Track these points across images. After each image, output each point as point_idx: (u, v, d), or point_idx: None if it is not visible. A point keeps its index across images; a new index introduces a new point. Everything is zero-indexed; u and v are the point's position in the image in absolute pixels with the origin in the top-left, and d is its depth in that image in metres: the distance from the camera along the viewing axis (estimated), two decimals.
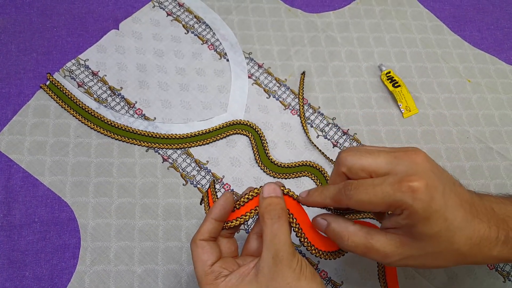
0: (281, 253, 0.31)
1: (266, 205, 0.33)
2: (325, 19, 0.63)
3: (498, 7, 0.67)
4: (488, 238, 0.32)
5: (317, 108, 0.56)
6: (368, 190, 0.30)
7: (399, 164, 0.31)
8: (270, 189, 0.34)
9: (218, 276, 0.32)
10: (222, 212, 0.34)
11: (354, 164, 0.32)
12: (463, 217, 0.31)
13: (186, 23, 0.60)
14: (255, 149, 0.52)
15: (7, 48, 0.55)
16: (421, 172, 0.30)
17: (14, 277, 0.44)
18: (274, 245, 0.31)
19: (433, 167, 0.31)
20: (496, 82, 0.60)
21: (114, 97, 0.54)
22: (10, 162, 0.49)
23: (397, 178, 0.30)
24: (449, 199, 0.30)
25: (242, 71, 0.57)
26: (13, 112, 0.51)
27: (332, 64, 0.59)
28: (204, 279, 0.32)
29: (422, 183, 0.29)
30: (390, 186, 0.30)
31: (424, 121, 0.56)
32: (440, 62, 0.61)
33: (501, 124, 0.57)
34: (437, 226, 0.30)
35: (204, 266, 0.33)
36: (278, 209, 0.33)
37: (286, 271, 0.31)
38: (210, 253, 0.33)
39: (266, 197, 0.33)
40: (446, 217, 0.30)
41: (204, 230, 0.34)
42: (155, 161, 0.50)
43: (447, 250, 0.31)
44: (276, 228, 0.32)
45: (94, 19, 0.59)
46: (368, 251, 0.32)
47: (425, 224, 0.30)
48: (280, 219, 0.32)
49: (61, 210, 0.47)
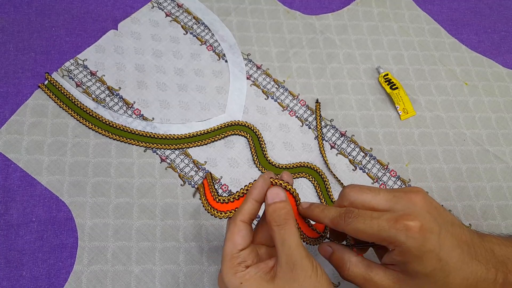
0: (294, 257, 0.31)
1: (272, 211, 0.33)
2: (324, 21, 0.63)
3: (495, 10, 0.68)
4: (486, 280, 0.32)
5: (315, 110, 0.56)
6: (365, 221, 0.32)
7: (398, 203, 0.33)
8: (273, 194, 0.34)
9: (241, 263, 0.32)
10: (262, 193, 0.34)
11: (356, 199, 0.34)
12: (459, 258, 0.31)
13: (185, 24, 0.60)
14: (253, 150, 0.52)
15: (6, 47, 0.55)
16: (418, 212, 0.32)
17: (11, 276, 0.44)
18: (285, 250, 0.32)
19: (430, 208, 0.32)
20: (493, 85, 0.61)
21: (113, 97, 0.54)
22: (7, 161, 0.49)
23: (394, 215, 0.31)
24: (445, 240, 0.31)
25: (240, 72, 0.57)
26: (11, 112, 0.51)
27: (330, 66, 0.59)
28: (229, 262, 0.32)
29: (417, 223, 0.31)
30: (386, 221, 0.31)
31: (421, 123, 0.56)
32: (438, 64, 0.61)
33: (497, 127, 0.57)
34: (431, 266, 0.31)
35: (234, 248, 0.33)
36: (284, 214, 0.33)
37: (301, 276, 0.31)
38: (244, 238, 0.33)
39: (270, 203, 0.34)
40: (440, 257, 0.31)
41: (246, 211, 0.34)
42: (153, 162, 0.50)
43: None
44: (284, 233, 0.32)
45: (93, 19, 0.59)
46: (366, 283, 0.33)
47: (418, 262, 0.31)
48: (286, 223, 0.32)
49: (59, 209, 0.47)
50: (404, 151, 0.54)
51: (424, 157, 0.54)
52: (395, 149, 0.54)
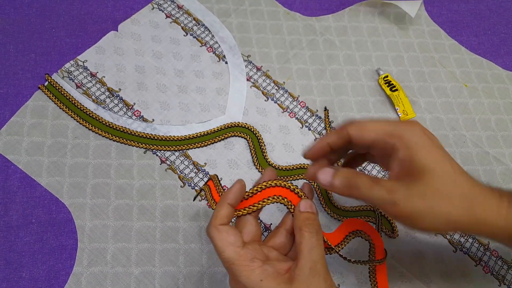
0: (319, 266, 0.32)
1: (305, 219, 0.34)
2: (324, 22, 0.63)
3: (495, 12, 0.68)
4: (488, 193, 0.33)
5: (314, 111, 0.56)
6: (370, 121, 0.35)
7: (396, 123, 0.35)
8: (307, 205, 0.35)
9: (253, 258, 0.32)
10: (238, 197, 0.35)
11: (358, 124, 0.36)
12: (459, 169, 0.33)
13: (185, 25, 0.60)
14: (253, 152, 0.52)
15: (6, 48, 0.55)
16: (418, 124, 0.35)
17: (11, 278, 0.44)
18: (312, 257, 0.32)
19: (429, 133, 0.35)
20: (493, 87, 0.61)
21: (113, 99, 0.54)
22: (7, 162, 0.48)
23: (396, 121, 0.35)
24: (446, 153, 0.34)
25: (240, 73, 0.57)
26: (11, 113, 0.51)
27: (330, 67, 0.59)
28: (239, 260, 0.31)
29: (419, 124, 0.34)
30: (389, 123, 0.35)
31: None
32: (437, 66, 0.62)
33: (497, 129, 0.57)
34: (436, 158, 0.33)
35: (235, 247, 0.32)
36: (316, 225, 0.34)
37: (321, 285, 0.31)
38: (236, 235, 0.33)
39: (303, 211, 0.35)
40: (443, 154, 0.33)
41: (222, 215, 0.33)
42: (153, 163, 0.50)
43: (444, 190, 0.32)
44: (315, 242, 0.33)
45: (93, 20, 0.59)
46: (372, 188, 0.33)
47: (423, 153, 0.33)
48: (318, 234, 0.33)
49: (59, 211, 0.47)
50: None
51: None
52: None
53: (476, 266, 0.49)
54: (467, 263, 0.49)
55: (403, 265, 0.47)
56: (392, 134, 0.34)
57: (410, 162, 0.33)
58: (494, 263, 0.49)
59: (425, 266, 0.48)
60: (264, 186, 0.36)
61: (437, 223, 0.32)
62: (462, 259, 0.49)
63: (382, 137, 0.34)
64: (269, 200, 0.36)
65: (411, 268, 0.47)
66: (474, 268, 0.48)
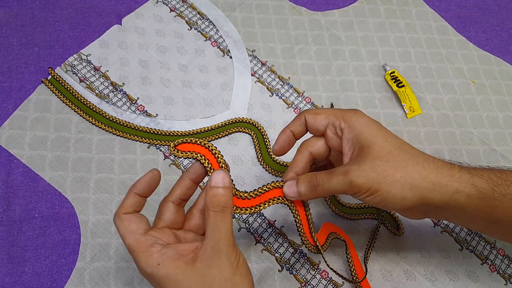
0: (221, 243, 0.32)
1: (212, 196, 0.32)
2: (330, 17, 0.62)
3: (504, 8, 0.67)
4: (437, 160, 0.36)
5: (320, 107, 0.55)
6: (322, 109, 0.39)
7: (343, 110, 0.39)
8: (218, 178, 0.33)
9: (153, 243, 0.32)
10: (147, 187, 0.35)
11: (312, 111, 0.40)
12: (405, 142, 0.37)
13: (190, 19, 0.59)
14: (257, 148, 0.52)
15: (9, 41, 0.55)
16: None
17: (13, 272, 0.43)
18: (215, 235, 0.32)
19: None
20: (501, 84, 0.60)
21: (116, 93, 0.53)
22: (10, 156, 0.48)
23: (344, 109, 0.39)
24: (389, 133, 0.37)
25: (245, 68, 0.57)
26: (14, 107, 0.51)
27: (336, 63, 0.59)
28: (137, 246, 0.32)
29: (362, 111, 0.38)
30: (337, 110, 0.39)
31: (427, 122, 0.56)
32: (445, 62, 0.61)
33: (505, 126, 0.57)
34: (375, 133, 0.36)
35: (135, 234, 0.33)
36: (223, 201, 0.32)
37: (224, 263, 0.31)
38: (139, 223, 0.33)
39: (212, 187, 0.33)
40: (385, 130, 0.37)
41: (128, 204, 0.34)
42: (156, 158, 0.50)
43: (392, 158, 0.35)
44: (219, 219, 0.32)
45: (97, 13, 0.58)
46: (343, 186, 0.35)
47: (367, 131, 0.36)
48: (223, 211, 0.32)
49: (62, 205, 0.47)
50: None
51: None
52: None
53: (482, 264, 0.48)
54: (473, 262, 0.48)
55: (409, 263, 0.47)
56: (338, 116, 0.37)
57: (356, 141, 0.36)
58: (501, 261, 0.48)
59: (430, 264, 0.47)
60: (272, 187, 0.37)
61: (397, 189, 0.34)
62: (468, 257, 0.48)
63: (331, 119, 0.38)
64: (269, 203, 0.37)
65: (416, 265, 0.47)
66: (480, 266, 0.48)
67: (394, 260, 0.47)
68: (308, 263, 0.46)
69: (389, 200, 0.34)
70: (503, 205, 0.35)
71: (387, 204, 0.35)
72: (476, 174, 0.35)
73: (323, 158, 0.40)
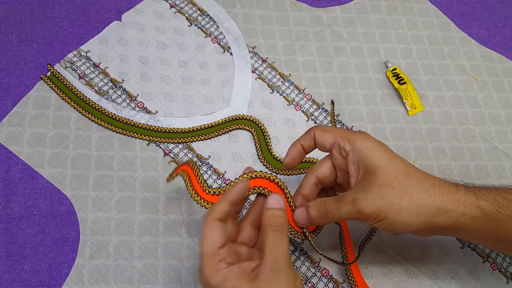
0: (280, 262, 0.33)
1: (270, 216, 0.35)
2: (331, 14, 0.62)
3: (506, 4, 0.66)
4: (443, 183, 0.36)
5: (321, 104, 0.55)
6: (331, 127, 0.41)
7: (350, 131, 0.40)
8: (274, 201, 0.36)
9: (221, 260, 0.33)
10: (240, 196, 0.35)
11: (321, 128, 0.41)
12: (411, 164, 0.37)
13: (190, 15, 0.59)
14: (257, 145, 0.51)
15: (8, 38, 0.54)
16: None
17: (12, 270, 0.43)
18: (274, 254, 0.33)
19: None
20: (503, 81, 0.60)
21: (116, 90, 0.53)
22: (9, 153, 0.48)
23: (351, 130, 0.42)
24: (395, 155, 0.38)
25: (245, 65, 0.56)
26: (13, 103, 0.51)
27: (337, 59, 0.58)
28: (210, 259, 0.33)
29: (368, 133, 0.38)
30: (344, 130, 0.39)
31: (429, 119, 0.55)
32: (447, 59, 0.60)
33: (507, 124, 0.56)
34: (381, 157, 0.36)
35: (214, 246, 0.33)
36: (280, 222, 0.35)
37: (283, 281, 0.32)
38: (222, 235, 0.34)
39: (270, 208, 0.35)
40: (391, 153, 0.37)
41: (221, 210, 0.34)
42: (156, 155, 0.50)
43: (399, 184, 0.35)
44: (278, 239, 0.34)
45: (96, 10, 0.58)
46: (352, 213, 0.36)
47: (373, 155, 0.36)
48: (281, 231, 0.34)
49: (61, 203, 0.46)
50: (411, 147, 0.53)
51: (431, 154, 0.53)
52: (402, 145, 0.53)
53: (484, 262, 0.48)
54: (475, 260, 0.48)
55: (410, 261, 0.47)
56: (344, 138, 0.38)
57: (362, 164, 0.36)
58: (502, 260, 0.48)
59: (431, 262, 0.47)
60: (249, 177, 0.37)
61: (404, 216, 0.35)
62: (469, 255, 0.48)
63: (337, 139, 0.38)
64: (252, 191, 0.37)
65: (417, 264, 0.47)
66: (481, 264, 0.48)
67: (395, 259, 0.47)
68: (308, 260, 0.46)
69: (397, 226, 0.35)
70: (509, 226, 0.36)
71: (395, 229, 0.36)
72: (482, 196, 0.36)
73: (330, 181, 0.41)
